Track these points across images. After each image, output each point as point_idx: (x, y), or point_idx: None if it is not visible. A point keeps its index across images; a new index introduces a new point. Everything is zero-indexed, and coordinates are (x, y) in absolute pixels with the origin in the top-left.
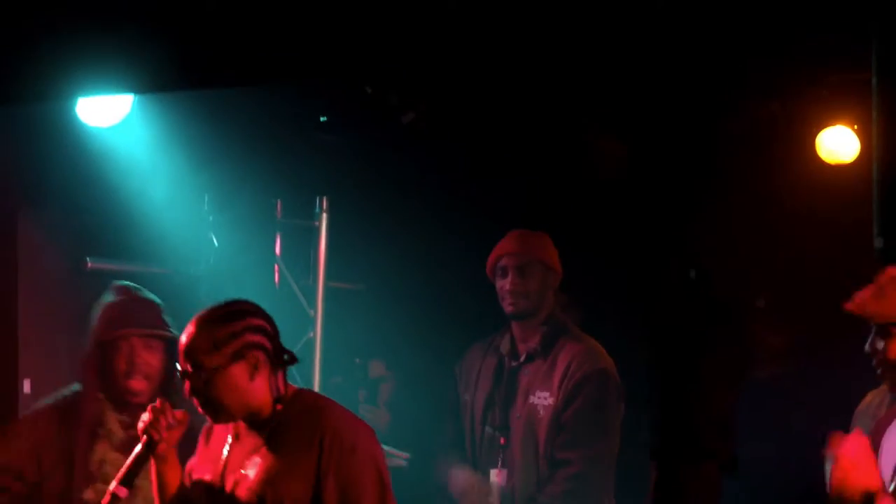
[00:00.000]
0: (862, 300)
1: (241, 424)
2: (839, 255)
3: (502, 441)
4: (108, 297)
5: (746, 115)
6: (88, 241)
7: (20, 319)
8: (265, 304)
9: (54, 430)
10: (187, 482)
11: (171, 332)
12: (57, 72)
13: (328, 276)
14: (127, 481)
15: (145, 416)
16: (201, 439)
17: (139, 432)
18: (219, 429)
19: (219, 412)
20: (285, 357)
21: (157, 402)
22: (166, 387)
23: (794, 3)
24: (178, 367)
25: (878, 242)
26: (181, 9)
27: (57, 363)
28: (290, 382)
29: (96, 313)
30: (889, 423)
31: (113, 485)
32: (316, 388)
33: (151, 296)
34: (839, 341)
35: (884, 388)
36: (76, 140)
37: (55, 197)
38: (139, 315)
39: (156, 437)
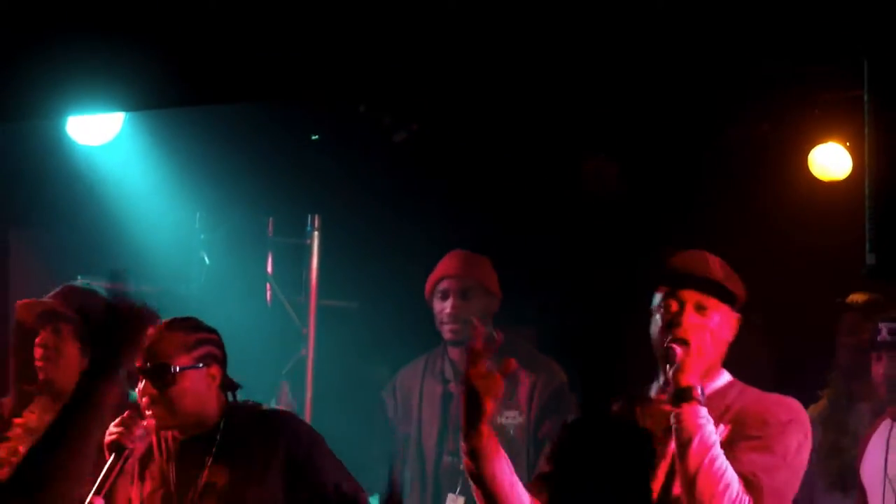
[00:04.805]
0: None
1: (180, 442)
2: (831, 272)
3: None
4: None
5: (738, 133)
6: (79, 260)
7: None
8: (257, 322)
9: None
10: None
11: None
12: (47, 90)
13: (320, 294)
14: (101, 491)
15: (115, 427)
16: (131, 462)
17: (106, 443)
18: (149, 450)
19: (169, 415)
20: (230, 382)
21: (127, 413)
22: None
23: (785, 23)
24: (138, 363)
25: (869, 259)
26: (171, 26)
27: None
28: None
29: None
30: (868, 440)
31: (89, 497)
32: (308, 405)
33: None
34: (833, 357)
35: (821, 403)
36: (67, 159)
37: (46, 216)
38: None
39: (129, 446)
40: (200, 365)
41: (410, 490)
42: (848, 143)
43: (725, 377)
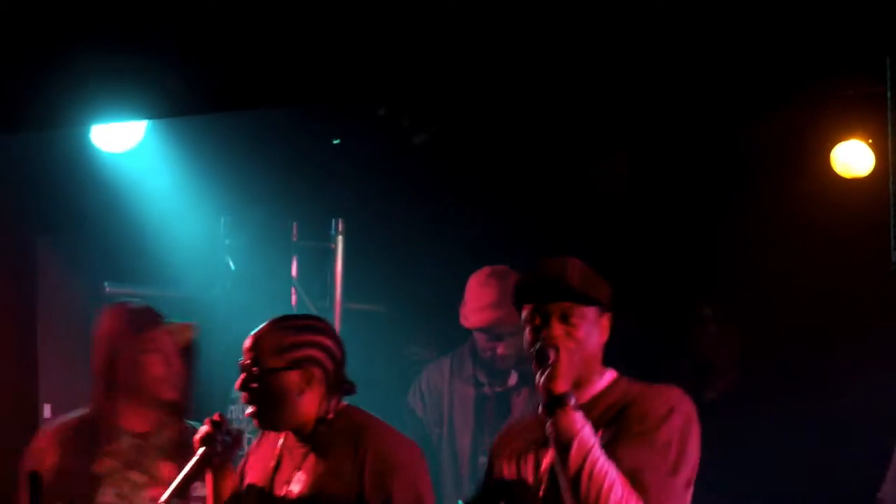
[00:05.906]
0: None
1: (290, 437)
2: (855, 269)
3: None
4: None
5: (760, 130)
6: (106, 266)
7: (40, 345)
8: None
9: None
10: (242, 486)
11: None
12: (71, 100)
13: (345, 298)
14: (180, 493)
15: (203, 429)
16: (254, 444)
17: (195, 444)
18: (270, 438)
19: (263, 414)
20: (344, 385)
21: (216, 416)
22: None
23: (807, 20)
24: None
25: (894, 256)
26: (193, 34)
27: (77, 388)
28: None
29: None
30: None
31: (165, 496)
32: None
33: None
34: (856, 353)
35: None
36: (92, 166)
37: (73, 223)
38: None
39: (211, 450)
40: (291, 368)
41: (445, 490)
42: (870, 140)
43: (608, 376)
